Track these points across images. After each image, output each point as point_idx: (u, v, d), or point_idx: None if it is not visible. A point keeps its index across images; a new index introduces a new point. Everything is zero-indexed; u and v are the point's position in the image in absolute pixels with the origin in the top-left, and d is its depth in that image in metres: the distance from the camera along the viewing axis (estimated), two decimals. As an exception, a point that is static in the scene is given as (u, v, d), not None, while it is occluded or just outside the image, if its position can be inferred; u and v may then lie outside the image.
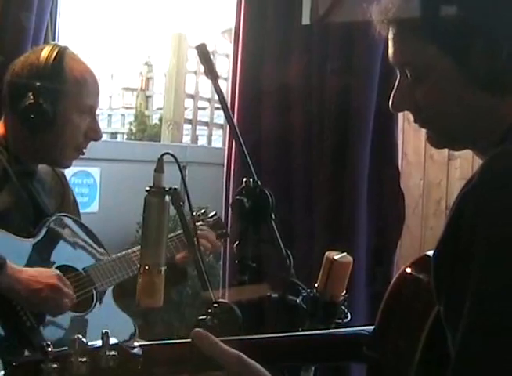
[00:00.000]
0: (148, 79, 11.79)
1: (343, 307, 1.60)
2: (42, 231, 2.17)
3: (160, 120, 9.42)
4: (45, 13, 2.92)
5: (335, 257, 1.58)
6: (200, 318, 1.49)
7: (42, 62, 2.15)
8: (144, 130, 10.78)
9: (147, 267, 1.50)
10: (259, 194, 1.69)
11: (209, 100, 8.38)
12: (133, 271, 2.22)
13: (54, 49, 2.18)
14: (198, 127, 8.48)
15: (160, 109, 10.34)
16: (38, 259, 2.13)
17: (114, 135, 11.62)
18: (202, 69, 1.82)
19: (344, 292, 1.61)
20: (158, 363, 1.15)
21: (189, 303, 4.45)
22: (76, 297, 2.12)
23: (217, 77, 1.81)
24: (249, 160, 1.76)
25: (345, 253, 1.62)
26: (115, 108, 12.48)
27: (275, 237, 1.70)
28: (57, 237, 2.23)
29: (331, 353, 1.35)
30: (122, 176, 4.83)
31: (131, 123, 11.42)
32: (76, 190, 2.56)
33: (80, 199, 2.57)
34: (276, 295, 1.65)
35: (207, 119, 8.56)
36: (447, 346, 1.02)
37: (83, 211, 2.54)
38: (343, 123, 3.02)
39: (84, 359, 1.09)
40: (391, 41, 1.25)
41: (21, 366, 1.10)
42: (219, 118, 8.28)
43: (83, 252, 2.30)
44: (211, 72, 1.79)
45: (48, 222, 2.20)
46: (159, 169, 1.54)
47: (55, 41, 3.00)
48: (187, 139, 8.45)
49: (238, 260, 1.68)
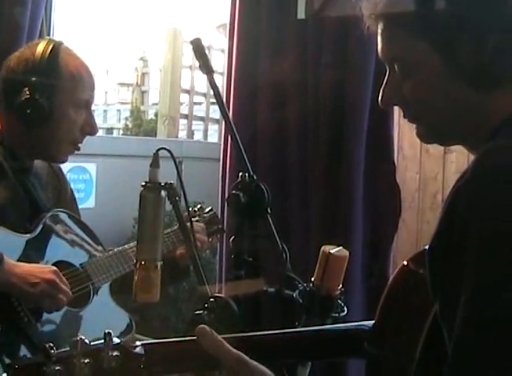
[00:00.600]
0: (143, 74, 11.77)
1: (339, 301, 1.60)
2: (39, 227, 2.17)
3: (156, 115, 9.40)
4: (40, 9, 2.92)
5: (331, 251, 1.59)
6: (197, 313, 1.50)
7: (38, 57, 2.14)
8: (140, 125, 10.76)
9: (143, 262, 1.50)
10: (255, 189, 1.70)
11: (205, 95, 8.37)
12: (130, 266, 2.22)
13: (49, 44, 2.18)
14: (194, 122, 8.47)
15: (156, 104, 10.32)
16: (35, 255, 2.13)
17: (110, 130, 11.60)
18: (197, 64, 1.82)
19: (341, 286, 1.61)
20: (160, 362, 1.15)
21: (186, 298, 4.45)
22: (73, 292, 2.12)
23: (212, 71, 1.81)
24: (245, 155, 1.76)
25: (341, 247, 1.62)
26: (111, 103, 12.45)
27: (271, 232, 1.71)
28: (53, 233, 2.23)
29: (331, 349, 1.35)
30: (118, 171, 4.82)
31: (126, 118, 11.40)
32: (72, 186, 2.56)
33: (76, 194, 2.57)
34: (273, 290, 1.66)
35: (203, 114, 8.55)
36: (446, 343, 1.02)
37: (79, 207, 2.54)
38: (338, 117, 3.03)
39: (86, 360, 1.09)
40: (380, 36, 1.26)
41: (23, 368, 1.10)
42: (215, 113, 8.28)
43: (80, 248, 2.30)
44: (207, 67, 1.79)
45: (44, 218, 2.20)
46: (155, 164, 1.54)
47: (50, 36, 3.00)
48: (183, 134, 8.43)
49: (234, 255, 1.69)
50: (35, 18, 2.89)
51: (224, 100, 2.04)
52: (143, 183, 1.53)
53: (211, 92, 2.06)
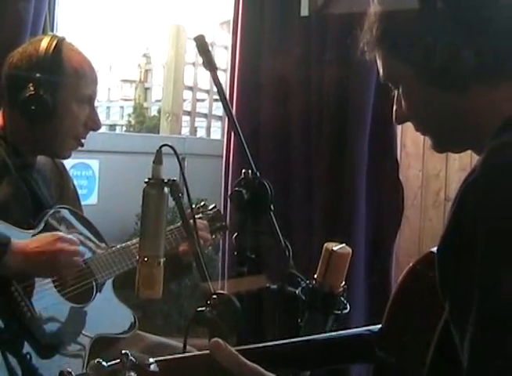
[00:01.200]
0: (146, 71, 11.76)
1: (342, 298, 1.60)
2: (42, 223, 2.17)
3: (159, 112, 9.39)
4: (43, 4, 2.92)
5: (334, 248, 1.59)
6: (199, 309, 1.50)
7: (41, 53, 2.15)
8: (143, 122, 10.76)
9: (146, 259, 1.50)
10: (258, 186, 1.70)
11: (208, 92, 8.36)
12: (133, 263, 2.22)
13: (52, 40, 2.18)
14: (197, 119, 8.46)
15: (159, 101, 10.32)
16: (38, 251, 2.13)
17: (113, 127, 11.60)
18: (200, 61, 1.82)
19: (343, 283, 1.61)
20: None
21: (189, 295, 4.45)
22: (76, 288, 2.13)
23: (215, 68, 1.81)
24: (248, 151, 1.76)
25: (344, 244, 1.62)
26: (114, 100, 12.45)
27: (274, 229, 1.71)
28: (56, 230, 2.23)
29: (341, 356, 1.34)
30: (121, 168, 4.82)
31: (129, 115, 11.40)
32: (75, 182, 2.56)
33: (79, 191, 2.57)
34: (275, 287, 1.66)
35: (206, 111, 8.54)
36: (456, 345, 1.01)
37: (82, 203, 2.54)
38: (342, 114, 3.02)
39: None
40: (377, 60, 1.33)
41: None
42: (218, 110, 8.27)
43: (83, 244, 2.30)
44: (210, 64, 1.79)
45: (47, 214, 2.20)
46: (158, 161, 1.54)
47: (53, 32, 3.00)
48: (186, 131, 8.42)
49: (237, 251, 1.69)
50: (39, 13, 2.89)
51: (227, 97, 2.03)
52: (146, 180, 1.53)
53: (214, 89, 2.06)
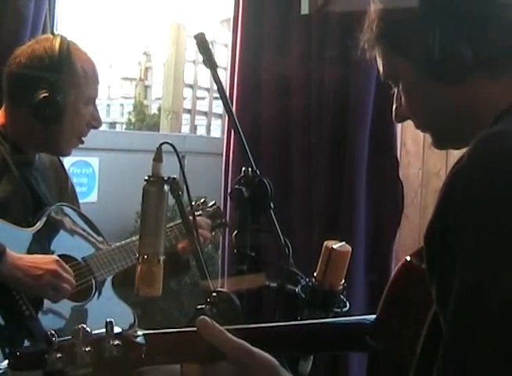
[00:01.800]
0: (147, 69, 11.77)
1: (342, 296, 1.60)
2: (41, 221, 2.18)
3: (159, 110, 9.40)
4: (44, 2, 2.92)
5: (334, 246, 1.59)
6: (199, 307, 1.50)
7: (52, 54, 2.15)
8: (143, 120, 10.76)
9: (146, 256, 1.50)
10: (258, 184, 1.70)
11: (208, 90, 8.37)
12: (132, 260, 2.22)
13: (61, 41, 2.18)
14: (197, 117, 8.47)
15: (159, 99, 10.33)
16: (38, 249, 2.13)
17: (113, 124, 11.61)
18: (201, 58, 1.82)
19: (343, 281, 1.61)
20: (162, 352, 1.15)
21: (188, 292, 4.45)
22: (75, 286, 2.13)
23: (216, 66, 1.81)
24: (248, 149, 1.76)
25: (344, 242, 1.62)
26: (114, 98, 12.46)
27: (274, 227, 1.71)
28: (56, 227, 2.24)
29: (333, 342, 1.35)
30: (121, 166, 4.83)
31: (129, 113, 11.40)
32: (75, 180, 2.56)
33: (79, 189, 2.57)
34: (275, 284, 1.66)
35: (206, 109, 8.55)
36: None
37: (82, 201, 2.54)
38: (342, 113, 3.02)
39: (88, 348, 1.09)
40: (377, 58, 1.34)
41: (25, 355, 1.11)
42: (218, 108, 8.27)
43: (82, 242, 2.31)
44: (210, 62, 1.79)
45: (47, 212, 2.21)
46: (157, 159, 1.54)
47: (53, 30, 3.00)
48: (186, 129, 8.43)
49: (237, 249, 1.69)
50: (39, 11, 2.89)
51: (227, 95, 2.03)
52: (146, 178, 1.53)
53: (214, 87, 2.06)
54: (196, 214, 2.30)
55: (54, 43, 2.17)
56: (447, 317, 0.99)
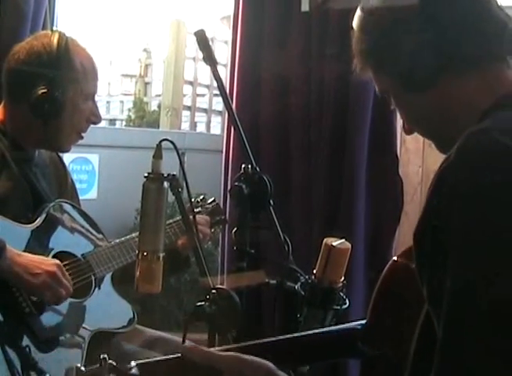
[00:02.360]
0: (147, 66, 11.76)
1: (341, 293, 1.60)
2: (41, 217, 2.18)
3: (159, 106, 9.38)
4: (44, -1, 2.91)
5: (333, 243, 1.59)
6: (199, 304, 1.50)
7: (51, 50, 2.15)
8: (143, 117, 10.75)
9: (145, 253, 1.50)
10: (258, 181, 1.70)
11: (208, 87, 8.35)
12: (132, 257, 2.22)
13: (59, 37, 2.18)
14: (197, 113, 8.45)
15: (159, 95, 10.31)
16: (37, 245, 2.13)
17: (113, 121, 11.59)
18: (201, 55, 1.82)
19: (343, 278, 1.61)
20: None
21: (188, 289, 4.45)
22: (75, 283, 2.13)
23: (216, 63, 1.81)
24: (247, 146, 1.76)
25: (344, 239, 1.62)
26: (114, 95, 12.44)
27: (273, 224, 1.71)
28: (56, 223, 2.24)
29: (325, 352, 1.35)
30: (121, 163, 4.82)
31: (129, 109, 11.38)
32: (75, 177, 2.56)
33: (78, 185, 2.57)
34: (275, 282, 1.66)
35: (206, 106, 8.53)
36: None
37: (81, 198, 2.54)
38: (342, 110, 3.02)
39: None
40: None
41: None
42: (218, 105, 8.26)
43: (82, 238, 2.30)
44: (210, 58, 1.79)
45: (46, 209, 2.20)
46: (157, 155, 1.54)
47: (53, 26, 3.00)
48: (186, 126, 8.42)
49: (236, 247, 1.69)
50: (39, 7, 2.88)
51: (227, 92, 2.03)
52: (146, 174, 1.53)
53: (214, 84, 2.06)
54: (195, 211, 2.30)
55: (52, 39, 2.17)
56: (441, 317, 0.98)
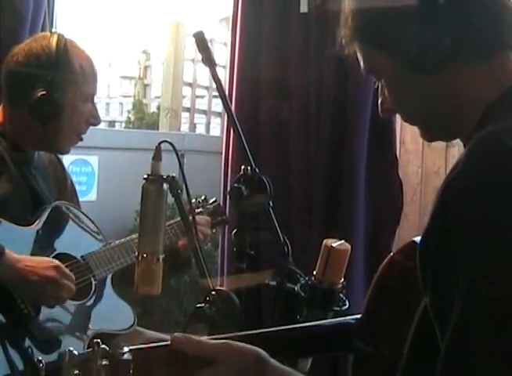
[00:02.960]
0: (146, 67, 11.75)
1: (341, 294, 1.60)
2: (41, 219, 2.18)
3: (158, 108, 9.38)
4: (43, 0, 2.91)
5: (333, 244, 1.59)
6: (198, 306, 1.50)
7: (49, 52, 2.15)
8: (142, 118, 10.75)
9: (145, 255, 1.50)
10: (257, 182, 1.70)
11: (207, 88, 8.35)
12: (132, 258, 2.22)
13: (58, 39, 2.18)
14: (196, 115, 8.45)
15: (158, 97, 10.30)
16: (37, 247, 2.13)
17: (112, 123, 11.59)
18: (200, 57, 1.82)
19: (342, 280, 1.61)
20: (150, 366, 1.15)
21: (188, 291, 4.45)
22: (74, 285, 2.13)
23: (215, 65, 1.81)
24: (247, 148, 1.76)
25: (343, 240, 1.62)
26: (113, 97, 12.44)
27: (273, 225, 1.71)
28: (55, 225, 2.24)
29: (319, 345, 1.34)
30: (120, 164, 4.81)
31: (129, 111, 11.38)
32: (74, 179, 2.56)
33: (78, 187, 2.57)
34: (274, 283, 1.66)
35: (205, 107, 8.53)
36: (436, 335, 1.01)
37: (81, 200, 2.54)
38: (341, 111, 3.02)
39: (75, 371, 1.09)
40: (357, 53, 1.33)
41: None
42: (217, 106, 8.25)
43: (81, 240, 2.30)
44: (209, 60, 1.79)
45: (46, 210, 2.20)
46: (157, 157, 1.54)
47: (52, 28, 3.00)
48: (185, 128, 8.41)
49: (236, 248, 1.69)
50: (38, 9, 2.88)
51: (226, 94, 2.03)
52: (145, 176, 1.53)
53: (214, 86, 2.06)
54: (196, 211, 2.30)
55: (51, 41, 2.17)
56: (451, 320, 0.97)
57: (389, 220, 3.07)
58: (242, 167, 1.72)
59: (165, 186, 1.53)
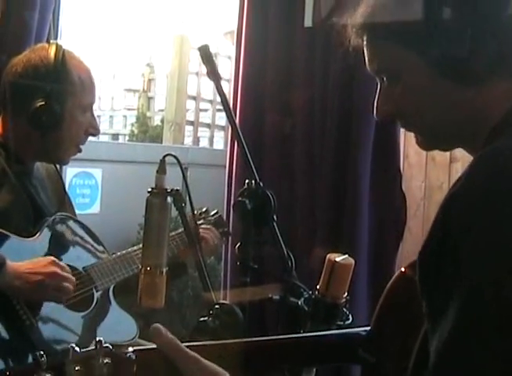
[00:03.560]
0: (150, 80, 11.78)
1: (344, 309, 1.60)
2: (42, 230, 2.18)
3: (162, 121, 9.40)
4: (48, 13, 2.92)
5: (337, 259, 1.58)
6: (202, 319, 1.49)
7: (48, 63, 2.15)
8: (146, 131, 10.77)
9: (149, 268, 1.50)
10: (261, 196, 1.69)
11: (211, 102, 8.38)
12: (133, 270, 2.23)
13: (57, 49, 2.18)
14: (200, 128, 8.47)
15: (162, 110, 10.33)
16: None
17: (116, 136, 11.60)
18: (204, 70, 1.82)
19: (346, 294, 1.61)
20: (154, 366, 1.14)
21: (191, 304, 4.44)
22: (76, 296, 2.13)
23: (219, 78, 1.81)
24: (251, 161, 1.76)
25: (347, 255, 1.62)
26: (117, 109, 12.46)
27: (276, 239, 1.70)
28: (57, 237, 2.24)
29: (326, 355, 1.34)
30: (124, 177, 4.82)
31: (132, 124, 11.40)
32: (77, 191, 2.57)
33: (81, 200, 2.58)
34: (278, 297, 1.65)
35: (209, 121, 8.56)
36: None
37: (85, 213, 2.55)
38: (345, 125, 3.02)
39: (78, 367, 1.08)
40: (365, 49, 1.27)
41: (14, 375, 1.10)
42: (221, 120, 8.29)
43: (83, 251, 2.31)
44: (214, 73, 1.79)
45: (47, 222, 2.21)
46: (161, 170, 1.54)
47: (57, 40, 3.01)
48: (189, 141, 8.44)
49: (240, 262, 1.68)
50: (44, 22, 2.89)
51: (231, 107, 2.03)
52: (149, 189, 1.53)
53: (218, 99, 2.06)
54: (198, 223, 2.30)
55: (49, 52, 2.18)
56: (448, 323, 0.97)
57: (393, 234, 3.06)
58: (246, 180, 1.72)
59: (169, 200, 1.53)
